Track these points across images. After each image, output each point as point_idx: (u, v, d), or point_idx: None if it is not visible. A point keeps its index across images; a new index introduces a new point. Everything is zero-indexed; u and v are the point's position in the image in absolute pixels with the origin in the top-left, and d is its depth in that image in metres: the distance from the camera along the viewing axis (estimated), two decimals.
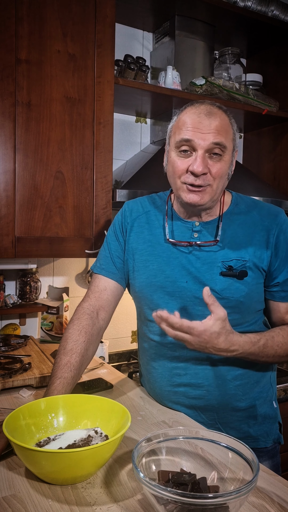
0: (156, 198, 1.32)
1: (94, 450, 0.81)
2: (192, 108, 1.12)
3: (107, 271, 1.28)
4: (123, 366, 2.11)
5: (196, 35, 2.09)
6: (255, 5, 2.04)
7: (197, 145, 1.08)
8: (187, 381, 1.20)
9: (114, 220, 1.33)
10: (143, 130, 2.24)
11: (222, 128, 1.10)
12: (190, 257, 1.18)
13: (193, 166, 1.08)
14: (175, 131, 1.14)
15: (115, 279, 1.28)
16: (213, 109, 1.11)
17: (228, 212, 1.22)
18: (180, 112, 1.16)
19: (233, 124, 1.15)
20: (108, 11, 1.65)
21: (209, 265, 1.16)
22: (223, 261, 1.16)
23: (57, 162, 1.60)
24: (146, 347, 1.29)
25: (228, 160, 1.13)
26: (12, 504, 0.80)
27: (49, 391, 1.08)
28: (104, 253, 1.31)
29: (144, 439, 0.84)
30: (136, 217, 1.28)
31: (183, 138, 1.09)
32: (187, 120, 1.10)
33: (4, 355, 1.55)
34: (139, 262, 1.24)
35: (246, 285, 1.15)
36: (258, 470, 0.75)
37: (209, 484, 0.80)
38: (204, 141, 1.08)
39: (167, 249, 1.21)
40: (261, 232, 1.17)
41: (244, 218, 1.20)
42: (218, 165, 1.10)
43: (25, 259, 1.77)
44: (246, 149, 2.57)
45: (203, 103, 1.13)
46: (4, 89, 1.49)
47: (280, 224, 1.18)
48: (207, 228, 1.20)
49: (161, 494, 0.68)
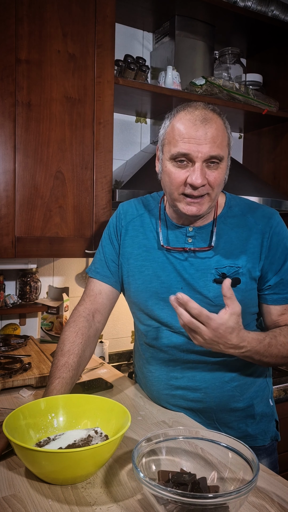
0: (150, 200, 1.30)
1: (94, 450, 0.81)
2: (186, 114, 1.07)
3: (102, 275, 1.27)
4: (123, 366, 2.11)
5: (196, 35, 2.09)
6: (255, 5, 2.04)
7: (195, 158, 1.05)
8: (184, 384, 1.20)
9: (109, 222, 1.32)
10: (143, 130, 2.24)
11: (218, 136, 1.06)
12: (185, 264, 1.17)
13: (191, 178, 1.05)
14: (169, 140, 1.09)
15: (110, 283, 1.27)
16: (207, 114, 1.06)
17: (221, 215, 1.20)
18: (172, 116, 1.10)
19: (227, 127, 1.11)
20: (108, 11, 1.66)
21: (202, 272, 1.15)
22: (216, 268, 1.15)
23: (57, 162, 1.60)
24: (142, 351, 1.29)
25: (225, 167, 1.10)
26: (12, 504, 0.80)
27: (48, 390, 1.08)
28: (99, 257, 1.30)
29: (144, 439, 0.84)
30: (130, 220, 1.27)
31: (180, 152, 1.05)
32: (182, 129, 1.05)
33: (4, 355, 1.55)
34: (134, 267, 1.23)
35: (239, 292, 1.13)
36: (258, 470, 0.75)
37: (209, 484, 0.80)
38: (202, 153, 1.04)
39: (162, 255, 1.20)
40: (255, 235, 1.16)
41: (238, 222, 1.18)
42: (215, 173, 1.07)
43: (25, 259, 1.77)
44: (246, 149, 2.57)
45: (196, 108, 1.08)
46: (4, 89, 1.49)
47: (274, 227, 1.16)
48: (200, 233, 1.18)
49: (161, 494, 0.68)
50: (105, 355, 2.04)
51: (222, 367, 1.18)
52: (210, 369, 1.18)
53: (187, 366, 1.19)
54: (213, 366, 1.18)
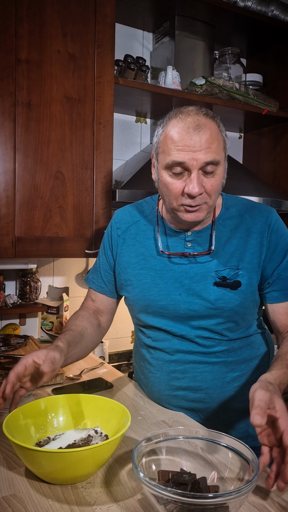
0: (144, 206, 1.28)
1: (94, 450, 0.81)
2: (178, 122, 1.04)
3: (96, 285, 1.32)
4: (123, 366, 2.11)
5: (196, 35, 2.09)
6: (255, 5, 2.04)
7: (190, 166, 1.03)
8: (186, 384, 1.19)
9: (105, 232, 1.32)
10: (143, 130, 2.24)
11: (213, 141, 1.03)
12: (185, 268, 1.17)
13: (188, 187, 1.03)
14: (163, 149, 1.06)
15: (104, 292, 1.31)
16: (200, 120, 1.03)
17: (219, 217, 1.19)
18: (165, 124, 1.07)
19: (222, 130, 1.08)
20: (108, 11, 1.66)
21: (202, 275, 1.15)
22: (216, 271, 1.14)
23: (57, 162, 1.60)
24: (143, 352, 1.29)
25: (222, 172, 1.08)
26: (12, 504, 0.80)
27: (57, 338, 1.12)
28: (94, 266, 1.34)
29: (144, 439, 0.84)
30: (126, 228, 1.26)
31: (175, 161, 1.03)
32: (175, 137, 1.03)
33: (4, 355, 1.55)
34: (132, 276, 1.22)
35: (240, 295, 1.13)
36: (258, 469, 0.75)
37: (209, 484, 0.80)
38: (197, 161, 1.02)
39: (160, 262, 1.19)
40: (254, 235, 1.15)
41: (236, 223, 1.18)
42: (212, 181, 1.05)
43: (25, 259, 1.77)
44: (246, 149, 2.57)
45: (189, 115, 1.04)
46: (4, 89, 1.49)
47: (273, 224, 1.16)
48: (200, 236, 1.17)
49: (161, 494, 0.68)
50: (105, 355, 2.04)
51: (223, 367, 1.18)
52: (211, 370, 1.18)
53: (188, 366, 1.19)
54: (214, 366, 1.18)
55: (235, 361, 1.18)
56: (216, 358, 1.17)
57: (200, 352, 1.17)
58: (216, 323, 1.15)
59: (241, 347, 1.20)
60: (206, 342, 1.17)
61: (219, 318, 1.15)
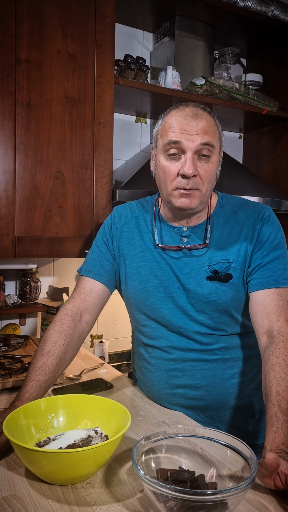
0: (144, 203, 1.32)
1: (94, 450, 0.81)
2: (177, 111, 1.12)
3: (94, 273, 1.26)
4: (123, 366, 2.11)
5: (196, 35, 2.09)
6: (255, 5, 2.04)
7: (186, 147, 1.08)
8: (185, 382, 1.20)
9: (103, 224, 1.33)
10: (143, 130, 2.24)
11: (209, 128, 1.10)
12: (179, 262, 1.19)
13: (183, 168, 1.08)
14: (161, 134, 1.13)
15: (102, 281, 1.26)
16: (198, 111, 1.11)
17: (214, 214, 1.22)
18: (165, 115, 1.15)
19: (218, 124, 1.15)
20: (108, 11, 1.66)
21: (196, 270, 1.17)
22: (209, 265, 1.16)
23: (57, 162, 1.60)
24: (141, 351, 1.29)
25: (216, 161, 1.13)
26: (12, 504, 0.80)
27: (21, 393, 1.05)
28: (92, 256, 1.30)
29: (143, 437, 0.84)
30: (125, 222, 1.29)
31: (171, 140, 1.09)
32: (174, 122, 1.10)
33: (4, 355, 1.55)
34: (130, 268, 1.24)
35: (232, 288, 1.15)
36: (256, 467, 0.75)
37: (208, 481, 0.80)
38: (193, 142, 1.08)
39: (157, 255, 1.21)
40: (246, 229, 1.17)
41: (230, 220, 1.20)
42: (206, 166, 1.10)
43: (25, 259, 1.77)
44: (246, 149, 2.57)
45: (187, 106, 1.13)
46: (4, 89, 1.49)
47: (265, 219, 1.18)
48: (195, 232, 1.20)
49: (161, 491, 0.69)
50: (105, 355, 2.04)
51: (221, 364, 1.19)
52: (210, 367, 1.18)
53: (186, 364, 1.19)
54: (213, 364, 1.18)
55: (233, 358, 1.19)
56: (214, 356, 1.18)
57: (198, 349, 1.18)
58: (212, 317, 1.17)
59: (238, 344, 1.21)
60: (204, 339, 1.18)
61: (214, 312, 1.16)
